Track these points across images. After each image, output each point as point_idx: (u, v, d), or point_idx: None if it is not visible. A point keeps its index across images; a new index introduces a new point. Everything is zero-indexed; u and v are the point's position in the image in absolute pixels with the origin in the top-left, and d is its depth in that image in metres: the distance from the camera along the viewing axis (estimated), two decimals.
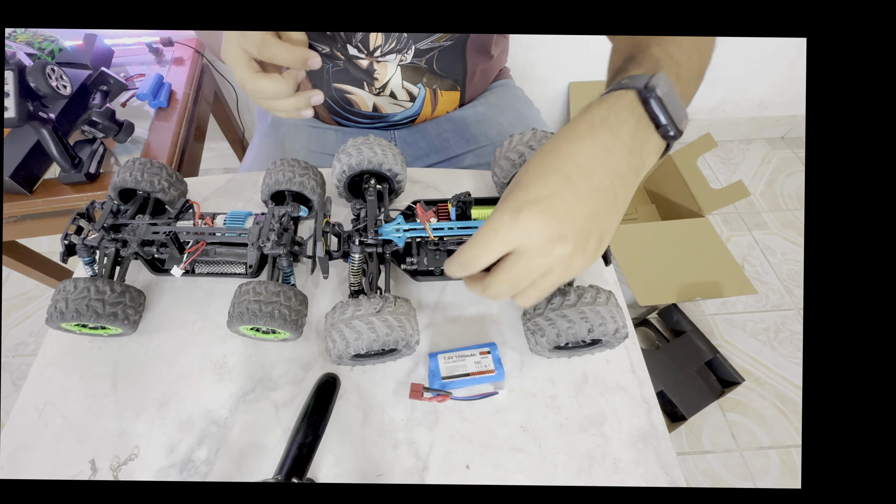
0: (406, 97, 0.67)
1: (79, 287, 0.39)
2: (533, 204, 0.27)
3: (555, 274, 0.29)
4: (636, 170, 0.29)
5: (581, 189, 0.27)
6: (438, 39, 0.60)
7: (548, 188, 0.27)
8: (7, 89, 0.58)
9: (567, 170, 0.28)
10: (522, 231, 0.27)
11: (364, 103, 0.67)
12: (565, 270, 0.29)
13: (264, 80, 0.40)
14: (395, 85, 0.64)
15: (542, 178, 0.28)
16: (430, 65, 0.63)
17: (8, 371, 1.19)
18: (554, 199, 0.27)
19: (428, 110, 0.70)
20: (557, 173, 0.28)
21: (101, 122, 0.69)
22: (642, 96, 0.29)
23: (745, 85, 1.54)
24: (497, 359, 0.43)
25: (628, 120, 0.28)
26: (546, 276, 0.29)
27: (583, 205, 0.27)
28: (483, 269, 0.30)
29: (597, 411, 0.42)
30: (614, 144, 0.28)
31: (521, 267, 0.28)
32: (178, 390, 0.42)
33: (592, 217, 0.28)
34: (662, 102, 0.28)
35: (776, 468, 1.06)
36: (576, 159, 0.28)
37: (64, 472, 0.38)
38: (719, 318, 1.29)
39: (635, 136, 0.28)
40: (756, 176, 1.64)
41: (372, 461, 0.39)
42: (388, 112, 0.68)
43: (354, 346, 0.36)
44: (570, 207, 0.27)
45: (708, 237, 1.21)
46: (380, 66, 0.61)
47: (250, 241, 0.42)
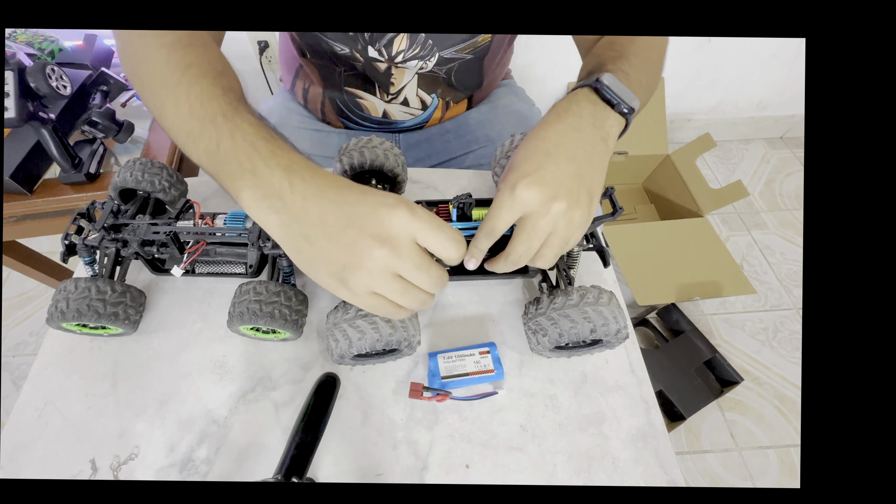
0: (418, 105, 0.66)
1: (80, 287, 0.39)
2: (525, 177, 0.33)
3: (560, 230, 0.34)
4: (603, 139, 0.36)
5: (560, 160, 0.34)
6: (462, 50, 0.59)
7: (533, 165, 0.34)
8: (7, 89, 0.58)
9: (546, 148, 0.35)
10: (521, 200, 0.33)
11: (375, 109, 0.67)
12: (568, 225, 0.34)
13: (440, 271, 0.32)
14: (410, 92, 0.64)
15: (528, 158, 0.35)
16: (449, 76, 0.63)
17: (8, 371, 1.19)
18: (540, 171, 0.33)
19: (437, 118, 0.70)
20: (539, 152, 0.35)
21: (101, 122, 0.68)
22: (594, 87, 0.37)
23: (744, 85, 1.55)
24: (496, 358, 0.43)
25: (587, 105, 0.37)
26: (553, 234, 0.34)
27: (563, 171, 0.34)
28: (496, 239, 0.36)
29: (596, 411, 0.42)
30: (579, 124, 0.36)
31: (529, 229, 0.34)
32: (178, 390, 0.42)
33: (575, 177, 0.34)
34: (610, 89, 0.37)
35: (775, 468, 1.07)
36: (551, 140, 0.35)
37: (64, 472, 0.38)
38: (718, 318, 1.29)
39: (595, 114, 0.36)
40: (755, 176, 1.64)
41: (371, 461, 0.39)
42: (397, 119, 0.68)
43: (357, 346, 0.36)
44: (554, 174, 0.34)
45: (707, 237, 1.21)
46: (397, 70, 0.61)
47: (250, 241, 0.42)
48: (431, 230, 0.30)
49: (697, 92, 1.56)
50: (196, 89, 0.33)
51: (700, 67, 1.47)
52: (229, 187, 0.32)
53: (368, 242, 0.29)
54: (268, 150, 0.31)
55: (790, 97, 1.60)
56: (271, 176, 0.30)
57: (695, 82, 1.52)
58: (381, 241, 0.29)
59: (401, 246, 0.29)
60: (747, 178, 1.63)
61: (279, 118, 0.72)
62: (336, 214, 0.29)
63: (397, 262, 0.30)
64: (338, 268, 0.30)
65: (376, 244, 0.29)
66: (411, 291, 0.31)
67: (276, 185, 0.30)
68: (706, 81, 1.53)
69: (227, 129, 0.31)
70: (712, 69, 1.48)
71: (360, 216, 0.29)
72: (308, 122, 0.72)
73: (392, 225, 0.29)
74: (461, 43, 0.58)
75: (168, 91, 0.34)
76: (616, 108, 0.37)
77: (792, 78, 1.52)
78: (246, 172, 0.30)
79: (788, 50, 1.43)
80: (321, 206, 0.29)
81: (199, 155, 0.33)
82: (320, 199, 0.30)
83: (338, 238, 0.29)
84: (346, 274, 0.30)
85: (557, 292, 0.39)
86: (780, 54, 1.44)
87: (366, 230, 0.29)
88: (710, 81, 1.53)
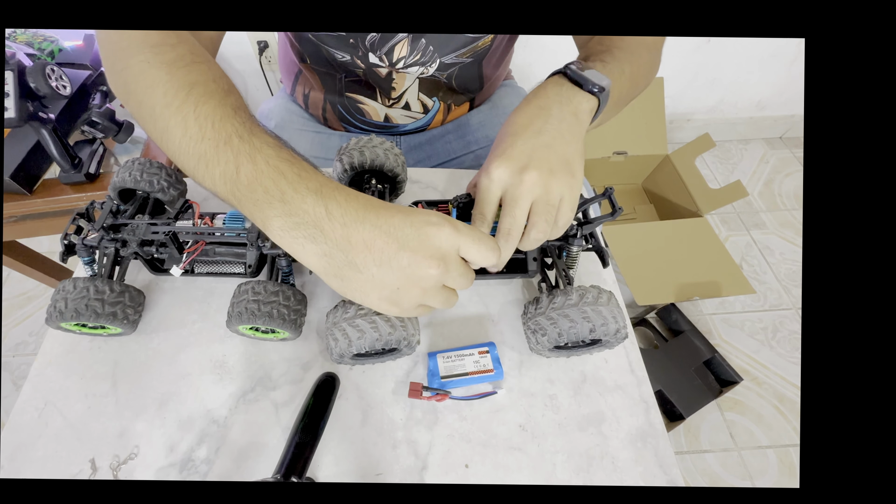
0: (420, 109, 0.66)
1: (78, 287, 0.39)
2: (497, 158, 0.36)
3: (542, 201, 0.36)
4: (573, 113, 0.38)
5: (526, 136, 0.37)
6: (462, 55, 0.59)
7: (503, 146, 0.37)
8: (7, 89, 0.58)
9: (513, 131, 0.37)
10: (496, 178, 0.36)
11: (376, 113, 0.67)
12: (547, 192, 0.36)
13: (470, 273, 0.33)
14: (411, 96, 0.64)
15: (500, 144, 0.38)
16: (450, 81, 0.63)
17: (8, 370, 1.19)
18: (508, 149, 0.36)
19: (439, 121, 0.70)
20: (507, 136, 0.37)
21: (101, 123, 0.69)
22: (561, 72, 0.40)
23: (744, 85, 1.55)
24: (496, 358, 0.43)
25: (553, 88, 0.39)
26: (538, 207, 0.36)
27: (530, 144, 0.36)
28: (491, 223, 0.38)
29: (595, 411, 0.42)
30: (545, 104, 0.38)
31: (509, 200, 0.36)
32: (177, 390, 0.42)
33: (544, 148, 0.36)
34: (576, 72, 0.39)
35: (774, 467, 1.07)
36: (518, 122, 0.38)
37: (64, 472, 0.38)
38: (717, 318, 1.29)
39: (561, 94, 0.39)
40: (754, 176, 1.64)
41: (371, 460, 0.39)
42: (399, 122, 0.68)
43: (357, 345, 0.36)
44: (521, 149, 0.36)
45: (706, 237, 1.21)
46: (398, 76, 0.61)
47: (249, 240, 0.42)
48: (474, 242, 0.31)
49: (697, 92, 1.56)
50: (205, 109, 0.31)
51: (699, 67, 1.47)
52: (255, 216, 0.30)
53: (424, 264, 0.29)
54: (294, 174, 0.29)
55: (789, 97, 1.60)
56: (303, 202, 0.28)
57: (694, 82, 1.53)
58: (437, 261, 0.30)
59: (451, 261, 0.31)
60: (746, 178, 1.63)
61: (280, 120, 0.72)
62: (384, 240, 0.29)
63: (447, 275, 0.31)
64: (391, 291, 0.30)
65: (432, 264, 0.29)
66: (452, 297, 0.33)
67: (310, 212, 0.28)
68: (705, 81, 1.53)
69: (245, 151, 0.29)
70: (712, 69, 1.48)
71: (409, 238, 0.29)
72: (309, 123, 0.72)
73: (442, 244, 0.30)
74: (462, 48, 0.58)
75: (172, 112, 0.31)
76: (584, 87, 0.39)
77: (791, 78, 1.52)
78: (274, 200, 0.28)
79: (788, 50, 1.43)
80: (365, 231, 0.29)
81: (213, 181, 0.30)
82: (362, 223, 0.29)
83: (390, 263, 0.29)
84: (400, 295, 0.31)
85: (557, 292, 0.39)
86: (780, 54, 1.44)
87: (418, 252, 0.29)
88: (710, 81, 1.53)
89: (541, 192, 0.35)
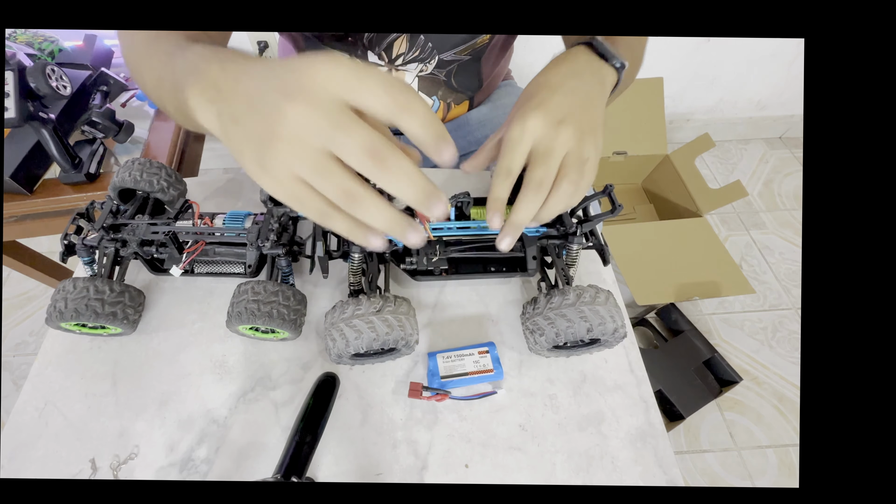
0: None
1: (78, 287, 0.39)
2: (533, 109, 0.34)
3: (574, 155, 0.34)
4: (599, 82, 0.39)
5: (562, 92, 0.36)
6: (461, 52, 0.60)
7: (539, 97, 0.36)
8: (7, 89, 0.58)
9: (549, 84, 0.37)
10: (531, 128, 0.34)
11: None
12: (580, 150, 0.34)
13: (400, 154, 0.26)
14: None
15: (533, 95, 0.37)
16: (449, 78, 0.63)
17: (8, 370, 1.19)
18: (545, 101, 0.35)
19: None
20: (542, 88, 0.37)
21: (101, 123, 0.68)
22: (587, 43, 0.40)
23: (743, 85, 1.55)
24: (496, 358, 0.43)
25: (583, 55, 0.40)
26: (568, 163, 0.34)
27: (566, 100, 0.36)
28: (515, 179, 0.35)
29: (595, 410, 0.42)
30: (576, 69, 0.39)
31: (545, 153, 0.34)
32: (177, 390, 0.42)
33: (577, 107, 0.36)
34: (603, 45, 0.40)
35: (774, 467, 1.07)
36: (551, 78, 0.38)
37: (64, 472, 0.38)
38: (717, 318, 1.29)
39: (590, 63, 0.39)
40: (754, 176, 1.64)
41: (371, 460, 0.39)
42: None
43: (354, 346, 0.36)
44: (558, 102, 0.35)
45: (706, 237, 1.21)
46: (397, 73, 0.61)
47: (249, 240, 0.42)
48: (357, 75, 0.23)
49: (696, 92, 1.56)
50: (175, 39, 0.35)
51: (699, 67, 1.47)
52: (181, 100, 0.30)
53: (289, 107, 0.23)
54: (211, 52, 0.30)
55: (789, 97, 1.60)
56: (208, 69, 0.29)
57: (694, 82, 1.52)
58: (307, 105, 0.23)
59: (320, 102, 0.23)
60: (746, 178, 1.63)
61: None
62: (260, 85, 0.25)
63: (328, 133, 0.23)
64: (257, 145, 0.25)
65: (287, 100, 0.23)
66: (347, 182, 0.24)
67: (212, 76, 0.28)
68: (705, 81, 1.53)
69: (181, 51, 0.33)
70: (711, 69, 1.48)
71: (279, 78, 0.24)
72: None
73: (309, 79, 0.23)
74: (461, 45, 0.59)
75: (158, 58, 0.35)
76: (609, 61, 0.39)
77: (791, 78, 1.52)
78: (189, 74, 0.30)
79: (787, 50, 1.43)
80: (250, 82, 0.26)
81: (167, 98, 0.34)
82: (250, 76, 0.26)
83: (257, 108, 0.25)
84: (263, 151, 0.24)
85: (554, 292, 0.39)
86: (779, 54, 1.44)
87: (279, 90, 0.24)
88: (709, 81, 1.53)
89: (574, 147, 0.34)
